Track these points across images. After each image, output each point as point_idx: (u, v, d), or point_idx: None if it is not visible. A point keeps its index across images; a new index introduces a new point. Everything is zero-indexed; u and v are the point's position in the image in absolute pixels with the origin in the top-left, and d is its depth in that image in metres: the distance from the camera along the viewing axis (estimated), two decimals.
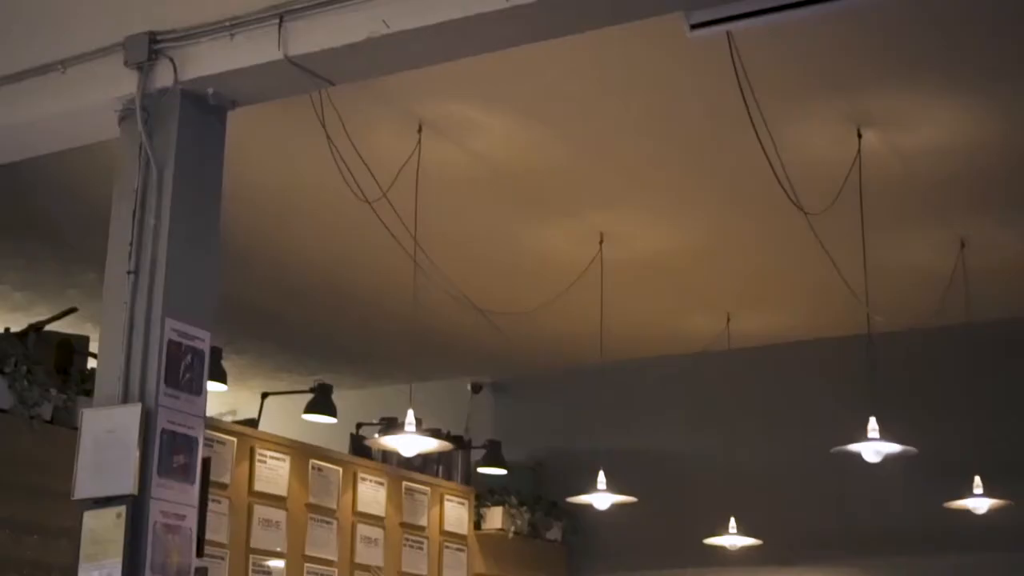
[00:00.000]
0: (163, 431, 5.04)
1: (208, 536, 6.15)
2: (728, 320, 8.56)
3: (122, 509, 4.96)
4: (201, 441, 5.24)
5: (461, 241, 7.44)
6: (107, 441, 5.08)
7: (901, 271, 7.66)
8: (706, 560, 8.89)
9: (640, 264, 7.74)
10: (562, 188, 6.87)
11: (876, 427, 6.47)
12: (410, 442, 6.47)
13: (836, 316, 8.18)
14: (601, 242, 7.39)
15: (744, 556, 8.58)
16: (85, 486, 5.08)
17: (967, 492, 7.55)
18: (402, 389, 6.60)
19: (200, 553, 5.47)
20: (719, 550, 8.51)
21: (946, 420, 8.44)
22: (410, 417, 6.34)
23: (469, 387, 10.01)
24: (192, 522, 5.19)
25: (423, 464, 8.70)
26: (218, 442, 6.79)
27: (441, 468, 8.86)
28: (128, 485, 4.98)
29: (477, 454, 9.21)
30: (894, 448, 6.48)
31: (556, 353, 9.23)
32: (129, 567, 4.93)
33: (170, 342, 5.11)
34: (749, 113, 5.48)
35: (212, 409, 6.70)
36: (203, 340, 5.25)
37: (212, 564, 6.26)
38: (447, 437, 7.56)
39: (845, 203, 6.43)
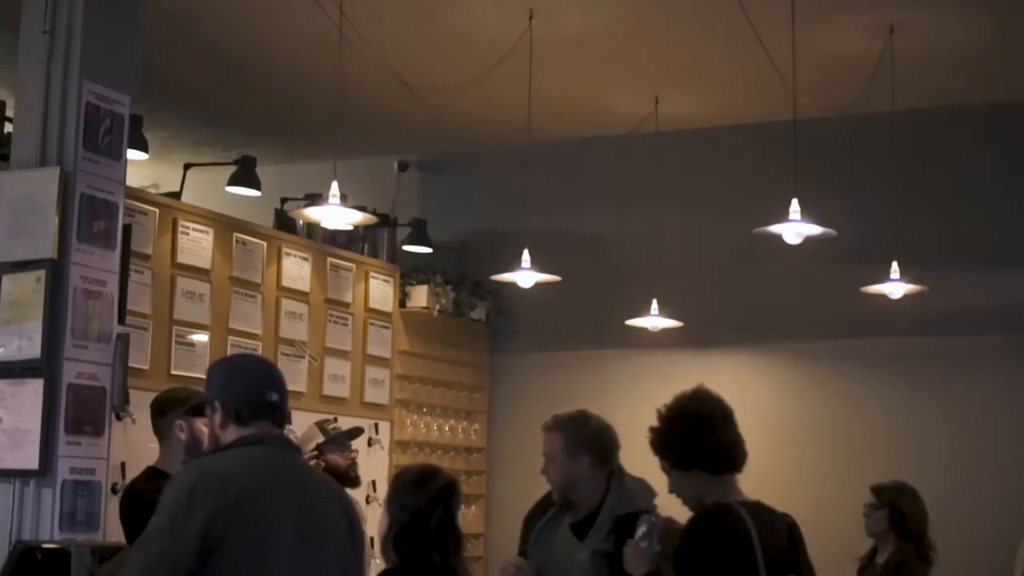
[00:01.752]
0: (82, 196, 5.00)
1: (130, 306, 6.14)
2: (656, 102, 8.52)
3: (42, 273, 4.95)
4: (121, 207, 5.21)
5: (387, 12, 7.31)
6: (25, 205, 5.04)
7: (829, 55, 7.64)
8: (628, 341, 9.03)
9: (569, 41, 7.66)
10: None
11: (797, 209, 6.53)
12: (334, 214, 6.45)
13: (763, 100, 8.18)
14: (531, 18, 7.29)
15: (665, 338, 8.72)
16: (3, 249, 5.05)
17: (884, 277, 7.69)
18: (327, 167, 6.54)
19: (122, 320, 5.48)
20: (641, 331, 8.63)
21: (866, 207, 8.55)
22: (334, 189, 6.30)
23: (395, 165, 9.95)
24: (113, 289, 5.20)
25: (348, 241, 8.70)
26: (140, 212, 6.72)
27: (366, 246, 8.87)
28: (47, 249, 4.96)
29: (402, 232, 9.21)
30: (814, 230, 6.56)
31: (483, 132, 9.18)
32: (49, 332, 4.94)
33: (88, 105, 5.03)
34: None
35: (133, 182, 6.63)
36: (123, 104, 5.18)
37: (134, 334, 6.24)
38: (373, 214, 7.54)
39: None
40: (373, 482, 8.02)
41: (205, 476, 3.52)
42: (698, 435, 4.20)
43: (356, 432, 6.72)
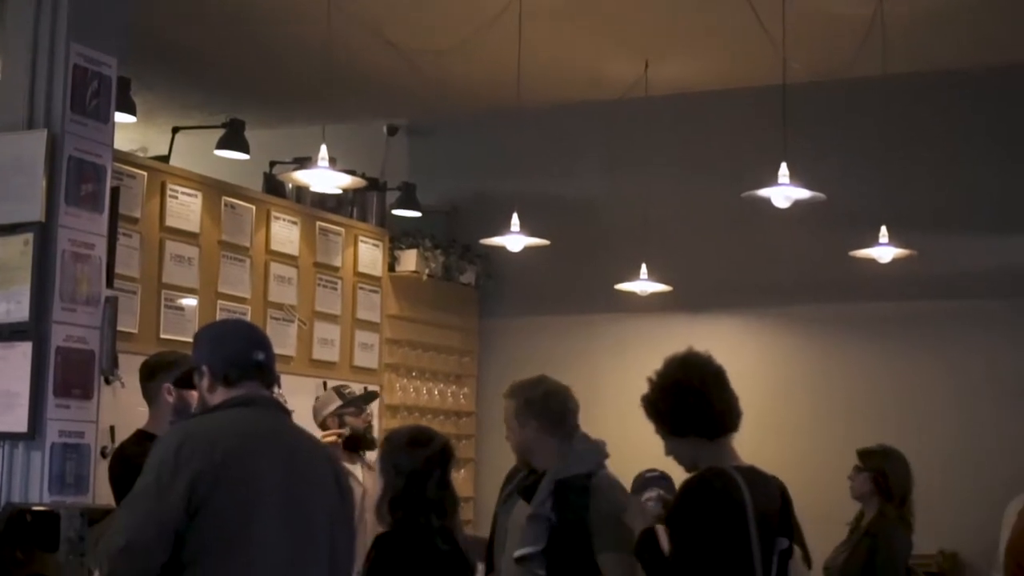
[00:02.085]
0: (70, 158, 4.99)
1: (119, 270, 6.16)
2: (647, 66, 8.49)
3: (29, 236, 4.94)
4: (109, 170, 5.20)
5: None
6: (12, 168, 5.03)
7: (819, 19, 7.61)
8: (617, 306, 9.03)
9: (560, 5, 7.62)
10: None
11: (787, 173, 6.53)
12: (323, 177, 6.43)
13: (753, 64, 8.14)
14: None
15: (654, 302, 8.73)
16: None
17: (873, 242, 7.69)
18: (316, 131, 6.52)
19: (110, 284, 5.48)
20: (630, 296, 8.64)
21: (856, 171, 8.53)
22: (323, 153, 6.29)
23: (384, 129, 9.92)
24: (101, 252, 5.19)
25: (337, 206, 8.68)
26: (128, 176, 6.69)
27: (355, 210, 8.85)
28: (35, 212, 4.96)
29: (391, 197, 9.19)
30: (803, 194, 6.56)
31: (473, 96, 9.14)
32: (37, 295, 4.94)
33: (76, 67, 5.01)
34: None
35: (122, 146, 6.61)
36: (110, 67, 5.16)
37: (123, 297, 6.24)
38: (362, 178, 7.53)
39: None
40: None
41: (191, 437, 3.52)
42: (691, 403, 4.18)
43: (372, 396, 6.94)
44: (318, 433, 6.17)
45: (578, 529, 4.36)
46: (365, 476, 6.42)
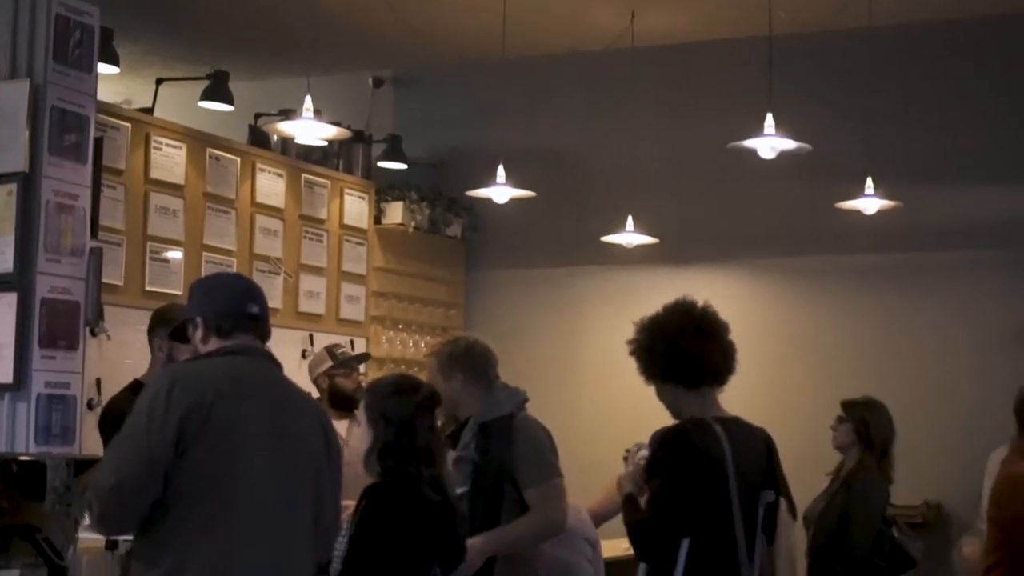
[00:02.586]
0: (53, 108, 4.96)
1: (103, 222, 6.14)
2: (632, 17, 8.46)
3: (13, 187, 4.92)
4: (93, 121, 5.17)
5: None
6: None
7: None
8: (603, 258, 9.03)
9: None
10: None
11: (772, 123, 6.52)
12: (308, 128, 6.41)
13: (739, 15, 8.13)
14: None
15: (640, 254, 8.73)
16: None
17: (858, 193, 7.70)
18: (301, 83, 6.49)
19: (94, 235, 5.46)
20: (616, 248, 8.64)
21: (842, 122, 8.50)
22: (308, 104, 6.26)
23: (370, 82, 9.87)
24: (86, 203, 5.17)
25: (323, 158, 8.66)
26: (112, 127, 6.67)
27: (341, 162, 8.83)
28: (19, 162, 4.93)
29: (377, 149, 9.17)
30: (789, 144, 6.56)
31: (459, 48, 9.11)
32: (21, 246, 4.92)
33: (58, 16, 4.98)
34: None
35: (106, 98, 6.58)
36: (92, 16, 5.12)
37: (108, 249, 6.23)
38: (348, 130, 7.50)
39: None
40: None
41: (182, 378, 3.56)
42: (669, 350, 4.19)
43: (364, 357, 7.06)
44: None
45: (501, 468, 4.59)
46: (349, 432, 6.46)
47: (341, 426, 6.49)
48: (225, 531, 3.50)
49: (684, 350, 4.18)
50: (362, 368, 6.88)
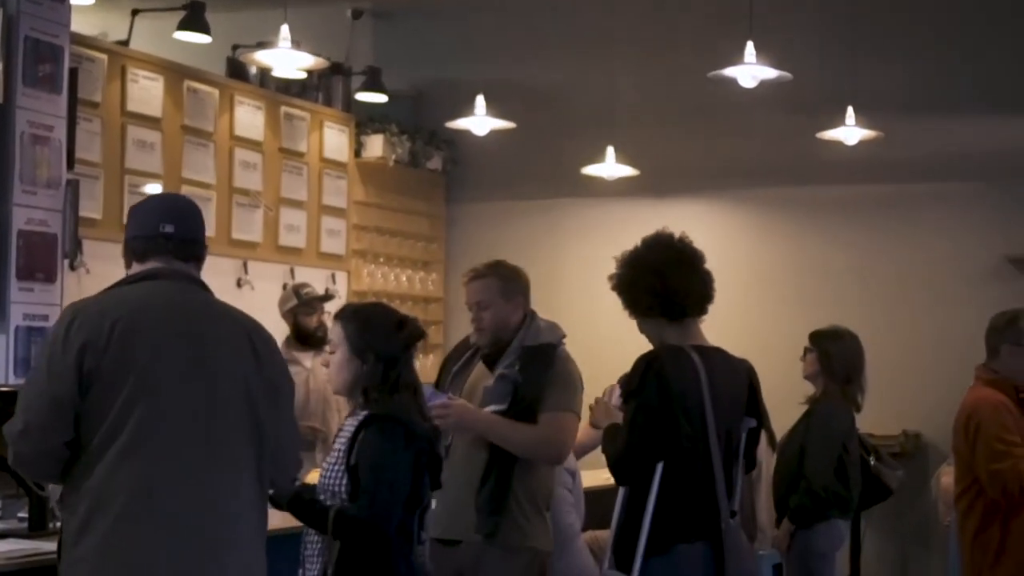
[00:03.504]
0: (26, 38, 4.92)
1: (80, 155, 6.10)
2: None
3: None
4: (67, 51, 5.13)
5: None
6: None
7: None
8: (583, 190, 9.01)
9: None
10: None
11: (753, 52, 6.49)
12: (285, 58, 6.35)
13: None
14: None
15: (621, 186, 8.71)
16: None
17: (839, 123, 7.68)
18: (279, 15, 6.40)
19: (71, 167, 5.43)
20: (597, 180, 8.61)
21: (823, 51, 8.46)
22: (284, 33, 6.20)
23: (349, 13, 9.77)
24: (61, 135, 5.14)
25: (302, 91, 8.59)
26: (87, 59, 6.60)
27: (320, 95, 8.77)
28: None
29: (357, 82, 9.10)
30: (769, 73, 6.54)
31: None
32: None
33: None
34: None
35: (81, 30, 6.50)
36: None
37: (86, 183, 6.20)
38: (327, 62, 7.43)
39: None
40: None
41: (80, 312, 3.36)
42: (649, 282, 4.22)
43: (327, 297, 7.32)
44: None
45: (537, 390, 4.66)
46: (313, 363, 6.80)
47: (306, 357, 6.96)
48: (141, 469, 3.31)
49: (667, 285, 4.20)
50: (327, 307, 7.08)
